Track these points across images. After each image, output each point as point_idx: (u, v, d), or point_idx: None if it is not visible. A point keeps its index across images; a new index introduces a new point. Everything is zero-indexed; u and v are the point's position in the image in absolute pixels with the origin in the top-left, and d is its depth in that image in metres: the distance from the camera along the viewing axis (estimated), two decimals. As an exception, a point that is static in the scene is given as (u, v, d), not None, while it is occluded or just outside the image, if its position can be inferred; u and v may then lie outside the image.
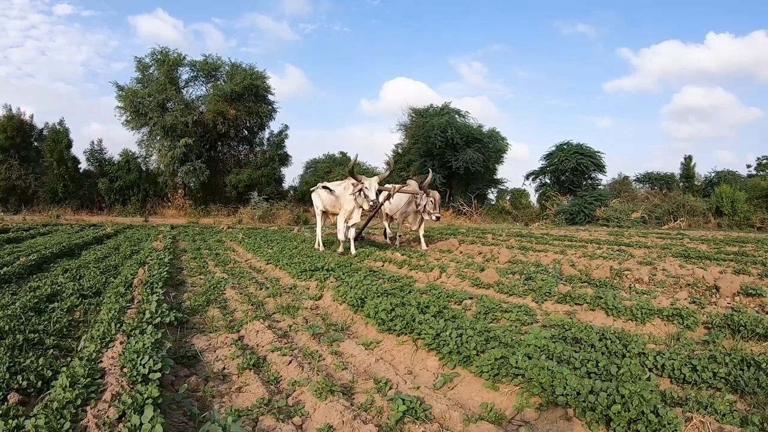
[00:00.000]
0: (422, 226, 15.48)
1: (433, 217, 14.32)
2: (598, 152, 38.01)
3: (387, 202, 14.91)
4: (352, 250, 13.41)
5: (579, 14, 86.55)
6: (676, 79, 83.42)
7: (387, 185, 14.77)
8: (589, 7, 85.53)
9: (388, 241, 17.16)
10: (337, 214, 14.04)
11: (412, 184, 15.16)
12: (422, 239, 15.51)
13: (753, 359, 4.61)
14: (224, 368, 4.87)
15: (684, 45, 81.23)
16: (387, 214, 16.38)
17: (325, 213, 15.03)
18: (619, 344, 5.02)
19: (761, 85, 77.66)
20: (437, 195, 14.54)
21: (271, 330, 5.92)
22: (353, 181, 12.75)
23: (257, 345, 5.55)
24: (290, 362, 4.86)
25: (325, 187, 14.30)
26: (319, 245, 15.11)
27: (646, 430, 3.23)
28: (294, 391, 4.24)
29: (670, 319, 6.27)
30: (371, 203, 12.35)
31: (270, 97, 40.63)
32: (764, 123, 73.29)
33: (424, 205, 14.35)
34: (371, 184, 12.45)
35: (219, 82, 39.46)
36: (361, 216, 13.69)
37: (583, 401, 3.55)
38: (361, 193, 12.45)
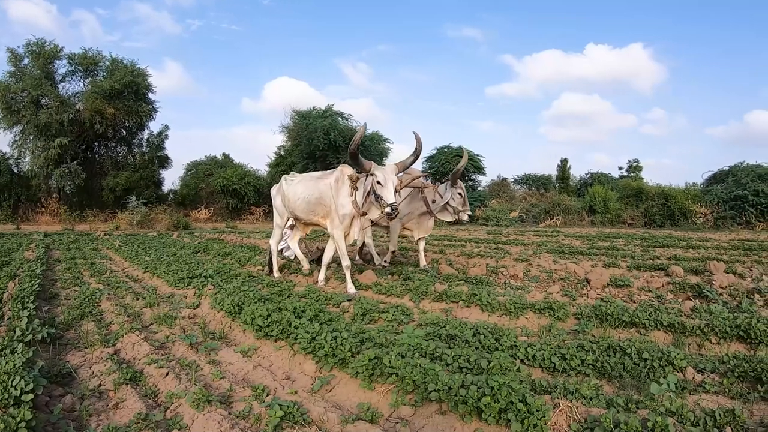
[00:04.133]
0: (426, 233, 10.92)
1: (465, 217, 10.34)
2: (478, 155, 38.98)
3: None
4: (350, 288, 8.47)
5: (466, 18, 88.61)
6: (556, 86, 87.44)
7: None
8: (477, 11, 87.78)
9: (359, 259, 12.30)
10: (317, 225, 9.58)
11: (415, 173, 9.68)
12: (422, 252, 11.03)
13: (619, 345, 4.94)
14: (100, 385, 4.67)
15: (565, 54, 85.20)
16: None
17: (294, 222, 10.30)
18: (492, 338, 5.24)
19: (636, 93, 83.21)
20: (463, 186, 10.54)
21: (148, 342, 5.74)
22: (350, 171, 8.50)
23: (134, 358, 5.35)
24: (167, 374, 4.71)
25: (292, 180, 9.78)
26: (275, 272, 10.48)
27: (515, 419, 3.38)
28: (172, 403, 4.12)
29: (542, 312, 6.61)
30: (388, 209, 7.58)
31: (150, 95, 38.65)
32: (637, 128, 78.17)
33: (446, 202, 10.24)
34: (388, 177, 7.79)
35: (98, 78, 36.94)
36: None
37: (455, 395, 3.66)
38: (369, 191, 8.02)
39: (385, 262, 11.43)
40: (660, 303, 7.38)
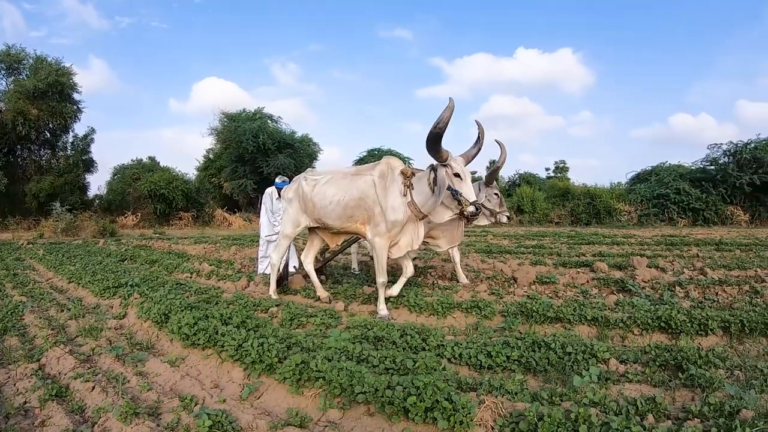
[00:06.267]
0: (455, 242, 8.82)
1: (504, 219, 9.05)
2: (408, 158, 39.19)
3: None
4: (382, 309, 7.02)
5: (399, 18, 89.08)
6: (487, 89, 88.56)
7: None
8: (410, 12, 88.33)
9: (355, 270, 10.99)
10: (349, 233, 7.86)
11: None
12: (459, 267, 9.39)
13: (543, 341, 5.10)
14: (26, 402, 4.50)
15: (495, 58, 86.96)
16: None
17: (317, 232, 8.30)
18: (419, 339, 5.31)
19: (564, 96, 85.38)
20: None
21: (74, 355, 5.57)
22: (398, 163, 7.10)
23: (59, 373, 5.17)
24: (94, 388, 4.59)
25: (315, 179, 7.81)
26: (273, 292, 8.47)
27: (441, 417, 3.43)
28: (100, 418, 4.01)
29: (469, 311, 6.74)
30: (472, 209, 6.30)
31: (76, 95, 36.66)
32: (564, 130, 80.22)
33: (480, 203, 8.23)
34: (465, 169, 6.49)
35: (21, 77, 35.16)
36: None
37: (382, 397, 3.69)
38: (435, 187, 6.43)
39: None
40: (585, 298, 7.66)
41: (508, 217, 9.25)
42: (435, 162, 6.46)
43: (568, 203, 32.27)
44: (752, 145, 29.47)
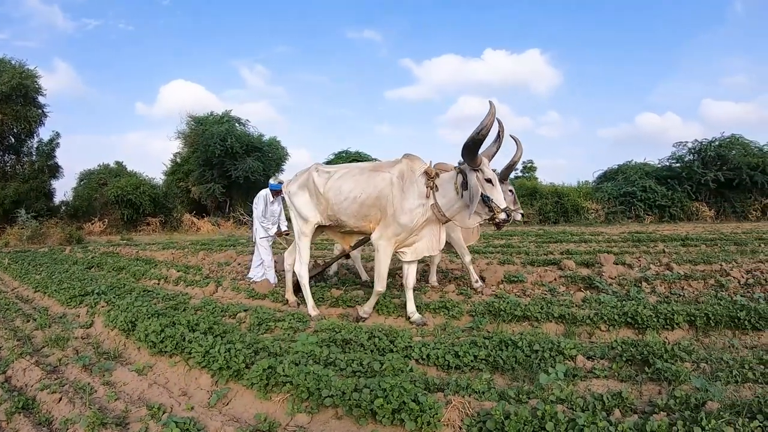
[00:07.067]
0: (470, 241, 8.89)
1: (518, 216, 8.33)
2: (376, 159, 39.09)
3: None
4: (413, 314, 6.76)
5: (368, 19, 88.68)
6: (455, 90, 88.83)
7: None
8: (378, 14, 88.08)
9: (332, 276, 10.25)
10: (362, 234, 7.41)
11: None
12: (472, 270, 8.67)
13: (511, 339, 5.17)
14: (-8, 416, 4.44)
15: (463, 59, 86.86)
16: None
17: (323, 229, 7.74)
18: (386, 340, 5.34)
19: (532, 97, 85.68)
20: None
21: (40, 366, 5.50)
22: (419, 163, 6.73)
23: (26, 384, 5.12)
24: (61, 399, 4.56)
25: (329, 172, 7.30)
26: (312, 308, 7.35)
27: (409, 418, 3.46)
28: (67, 429, 4.00)
29: (437, 312, 6.78)
30: (504, 216, 5.97)
31: (41, 99, 35.61)
32: (533, 131, 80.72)
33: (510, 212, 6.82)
34: (494, 174, 6.17)
35: None
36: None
37: (349, 399, 3.71)
38: (462, 190, 6.17)
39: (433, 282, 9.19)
40: (553, 296, 7.75)
41: (522, 215, 8.87)
42: (464, 165, 6.12)
43: (536, 202, 32.47)
44: (717, 143, 30.00)
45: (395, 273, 9.90)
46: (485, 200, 5.92)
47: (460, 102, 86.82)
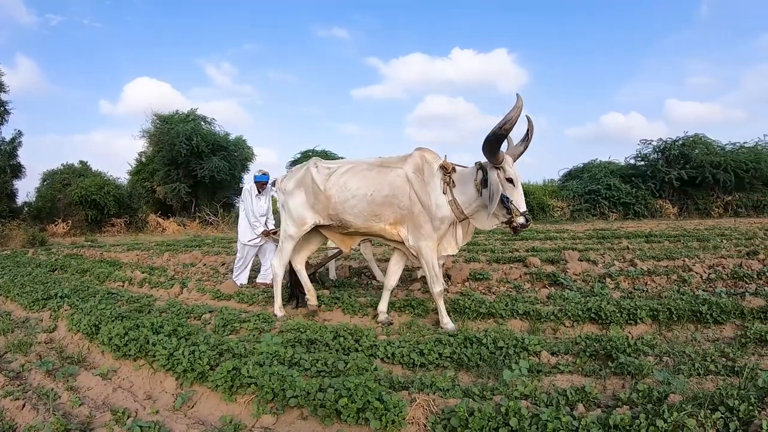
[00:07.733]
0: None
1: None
2: (342, 158, 38.74)
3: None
4: (446, 322, 6.24)
5: (336, 17, 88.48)
6: (422, 89, 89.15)
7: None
8: (347, 11, 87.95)
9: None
10: (369, 235, 6.82)
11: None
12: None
13: (475, 336, 5.21)
14: (-46, 425, 4.36)
15: (430, 58, 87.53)
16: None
17: (319, 229, 7.13)
18: (351, 340, 5.36)
19: (499, 95, 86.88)
20: None
21: (2, 372, 5.38)
22: (433, 156, 6.35)
23: (-12, 392, 5.03)
24: (24, 406, 4.43)
25: (329, 168, 6.83)
26: (279, 309, 7.28)
27: (373, 417, 3.47)
28: (31, 437, 3.91)
29: (402, 310, 6.80)
30: (522, 220, 5.64)
31: (3, 96, 34.63)
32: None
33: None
34: (516, 175, 5.72)
35: None
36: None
37: (314, 400, 3.71)
38: (481, 189, 5.84)
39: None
40: (518, 293, 7.84)
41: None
42: (485, 161, 5.75)
43: (502, 200, 32.70)
44: (680, 142, 30.72)
45: (363, 272, 9.91)
46: (504, 201, 5.55)
47: (427, 101, 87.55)
